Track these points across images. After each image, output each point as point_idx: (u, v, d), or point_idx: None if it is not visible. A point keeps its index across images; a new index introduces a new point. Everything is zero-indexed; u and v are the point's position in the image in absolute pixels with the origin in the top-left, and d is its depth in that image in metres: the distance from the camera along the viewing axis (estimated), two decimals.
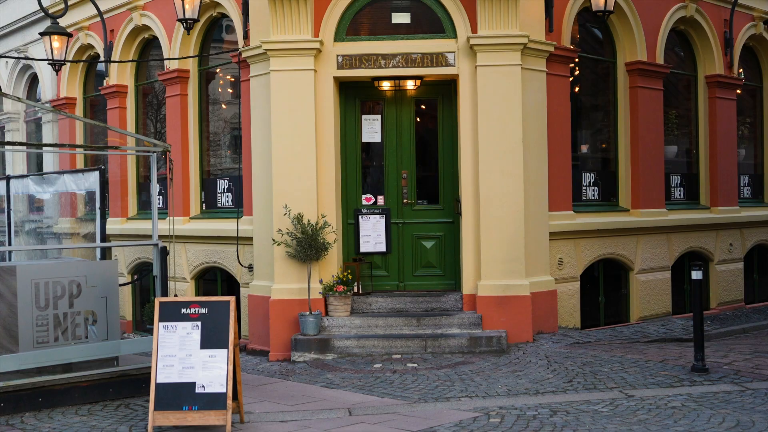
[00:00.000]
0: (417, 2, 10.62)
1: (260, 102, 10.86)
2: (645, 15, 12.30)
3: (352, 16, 10.62)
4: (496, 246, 10.24)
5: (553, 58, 10.95)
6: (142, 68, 14.09)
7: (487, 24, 10.21)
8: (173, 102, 12.69)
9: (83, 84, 15.49)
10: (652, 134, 12.41)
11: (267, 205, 10.64)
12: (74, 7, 14.66)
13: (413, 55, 10.46)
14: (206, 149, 12.71)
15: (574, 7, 11.38)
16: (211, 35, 12.64)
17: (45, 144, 15.96)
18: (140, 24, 13.35)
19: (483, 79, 10.24)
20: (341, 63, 10.52)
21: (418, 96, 10.95)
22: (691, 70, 13.81)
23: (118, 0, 13.75)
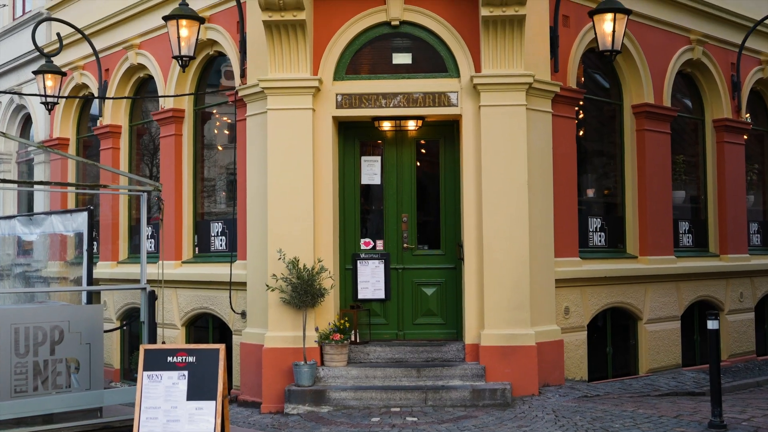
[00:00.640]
0: (419, 41, 10.31)
1: (256, 142, 10.51)
2: (651, 57, 12.01)
3: (352, 54, 10.32)
4: (500, 293, 9.80)
5: (558, 99, 10.63)
6: (136, 108, 13.76)
7: (491, 63, 9.89)
8: (167, 142, 12.34)
9: (77, 125, 15.17)
10: (659, 179, 12.05)
11: (261, 248, 10.23)
12: (69, 47, 14.41)
13: (415, 94, 10.13)
14: (200, 191, 12.32)
15: (580, 47, 11.08)
16: (208, 75, 12.33)
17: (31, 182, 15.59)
18: (135, 63, 13.05)
19: (487, 119, 9.90)
20: (340, 102, 10.19)
21: (419, 137, 10.60)
22: (698, 114, 13.50)
23: (114, 38, 13.49)
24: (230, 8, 11.21)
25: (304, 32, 9.84)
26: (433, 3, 10.19)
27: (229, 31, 11.27)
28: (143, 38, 12.91)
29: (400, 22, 10.25)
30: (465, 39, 10.13)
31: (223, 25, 11.39)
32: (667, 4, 12.31)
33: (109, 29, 13.60)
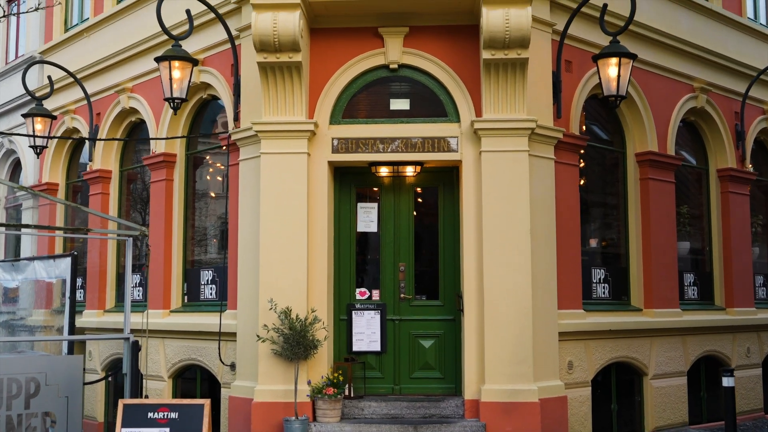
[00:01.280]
0: (418, 85, 10.03)
1: (249, 187, 10.16)
2: (655, 104, 11.75)
3: (349, 98, 10.02)
4: (502, 346, 9.38)
5: (561, 145, 10.31)
6: (127, 153, 13.42)
7: (492, 108, 9.59)
8: (158, 187, 11.98)
9: (66, 170, 14.85)
10: (664, 229, 11.69)
11: (253, 297, 9.81)
12: (61, 91, 14.17)
13: (413, 139, 9.82)
14: (191, 238, 11.93)
15: (583, 93, 10.80)
16: (201, 119, 12.01)
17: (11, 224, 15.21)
18: (127, 107, 12.75)
19: (488, 165, 9.57)
20: (336, 147, 9.87)
21: (417, 183, 10.27)
22: (701, 164, 13.21)
23: (106, 82, 13.21)
24: (225, 51, 10.94)
25: (299, 74, 9.56)
26: (433, 46, 9.93)
27: (223, 74, 10.98)
28: (136, 82, 12.63)
29: (398, 65, 9.98)
30: (465, 83, 9.85)
31: (217, 68, 11.11)
32: (671, 52, 12.09)
33: (101, 73, 13.33)
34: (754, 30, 13.97)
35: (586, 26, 10.80)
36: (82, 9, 14.48)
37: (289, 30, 9.18)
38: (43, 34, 15.37)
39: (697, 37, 12.52)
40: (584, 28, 10.79)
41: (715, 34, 13.00)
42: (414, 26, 9.93)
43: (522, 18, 9.10)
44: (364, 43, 9.97)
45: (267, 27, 9.20)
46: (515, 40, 9.15)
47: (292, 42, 9.24)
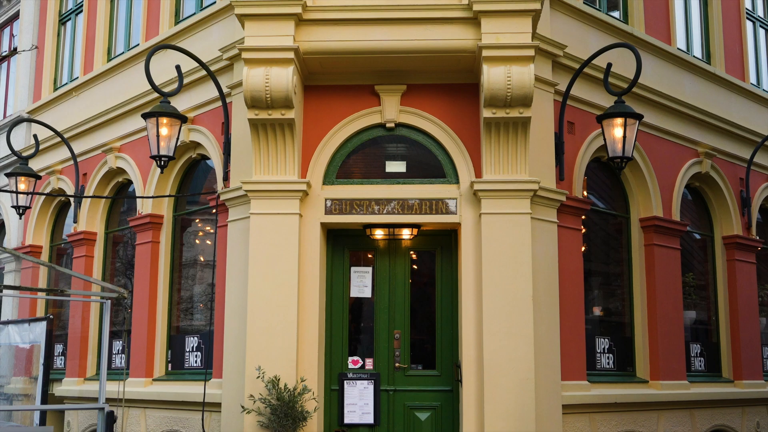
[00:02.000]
0: (415, 144, 9.66)
1: (237, 249, 9.71)
2: (659, 169, 11.40)
3: (344, 157, 9.64)
4: (503, 420, 8.81)
5: (563, 209, 9.91)
6: (113, 215, 13.00)
7: (492, 168, 9.19)
8: (143, 250, 11.52)
9: (51, 232, 14.42)
10: (670, 297, 11.23)
11: (239, 366, 9.27)
12: (48, 151, 13.87)
13: (410, 201, 9.41)
14: (176, 302, 11.43)
15: (586, 156, 10.45)
16: (190, 180, 11.61)
17: None
18: (115, 166, 12.36)
19: (488, 228, 9.13)
20: (330, 208, 9.45)
21: (414, 246, 9.82)
22: (707, 231, 12.82)
23: (94, 141, 12.86)
24: (215, 109, 10.59)
25: (292, 132, 9.18)
26: (431, 105, 9.59)
27: (214, 132, 10.62)
28: (124, 141, 12.27)
29: (395, 124, 9.62)
30: (465, 142, 9.48)
31: (207, 126, 10.75)
32: (674, 116, 11.80)
33: (89, 132, 13.01)
34: (757, 96, 13.74)
35: (588, 87, 10.51)
36: (72, 67, 14.20)
37: (281, 86, 8.84)
38: (32, 93, 15.06)
39: (701, 102, 12.26)
40: (587, 89, 10.49)
41: (719, 98, 12.75)
42: (412, 84, 9.59)
43: (524, 75, 8.77)
44: (359, 100, 9.63)
45: (259, 82, 8.85)
46: (517, 98, 8.81)
47: (284, 98, 8.88)
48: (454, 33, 9.02)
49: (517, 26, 8.87)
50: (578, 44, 10.43)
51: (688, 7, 12.87)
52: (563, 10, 10.37)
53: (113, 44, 13.14)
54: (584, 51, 10.34)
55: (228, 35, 10.32)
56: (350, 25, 9.05)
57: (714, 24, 13.15)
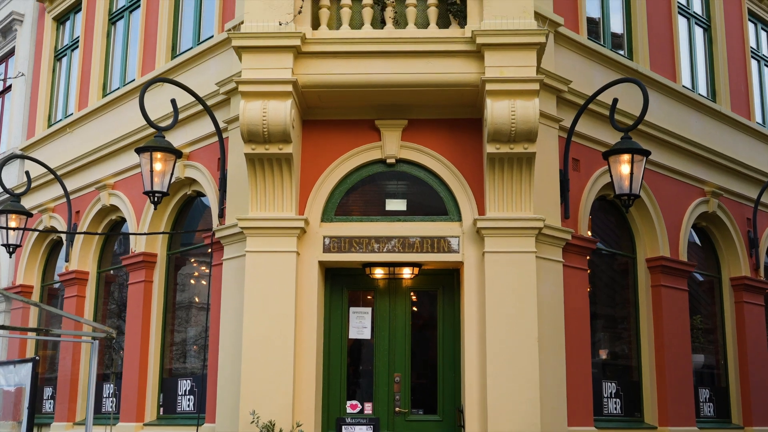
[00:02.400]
0: (417, 181, 9.38)
1: (232, 289, 9.38)
2: (666, 208, 11.12)
3: (343, 193, 9.36)
4: None
5: (569, 248, 9.61)
6: (105, 254, 12.69)
7: (496, 205, 8.90)
8: (136, 290, 11.19)
9: (42, 272, 14.11)
10: (678, 340, 10.89)
11: (233, 410, 8.90)
12: (40, 188, 13.63)
13: (411, 239, 9.11)
14: (169, 344, 11.07)
15: (591, 193, 10.17)
16: (184, 217, 11.33)
17: None
18: (108, 204, 12.08)
19: (492, 267, 8.82)
20: (328, 246, 9.14)
21: (415, 286, 9.49)
22: (714, 271, 12.51)
23: (88, 178, 12.60)
24: (211, 144, 10.34)
25: (290, 167, 8.91)
26: (433, 140, 9.33)
27: (209, 168, 10.35)
28: (118, 178, 12.01)
29: (396, 160, 9.36)
30: (467, 179, 9.21)
31: (203, 162, 10.48)
32: (680, 154, 11.56)
33: (82, 169, 12.76)
34: (763, 135, 13.53)
35: (593, 123, 10.27)
36: (67, 104, 13.98)
37: (279, 119, 8.58)
38: (26, 130, 14.83)
39: (707, 140, 12.03)
40: (592, 126, 10.26)
41: (725, 137, 12.52)
42: (413, 119, 9.35)
43: (529, 110, 8.52)
44: (359, 135, 9.37)
45: (256, 116, 8.60)
46: (522, 133, 8.55)
47: (282, 132, 8.62)
48: (457, 66, 8.79)
49: (522, 60, 8.64)
50: (583, 80, 10.21)
51: (692, 44, 12.69)
52: (567, 45, 10.17)
53: (108, 80, 12.93)
54: (589, 87, 10.13)
55: (225, 69, 10.10)
56: (350, 58, 8.82)
57: (719, 62, 12.97)
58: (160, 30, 11.63)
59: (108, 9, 13.20)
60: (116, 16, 13.05)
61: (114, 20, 13.10)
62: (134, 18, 12.66)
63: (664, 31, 11.95)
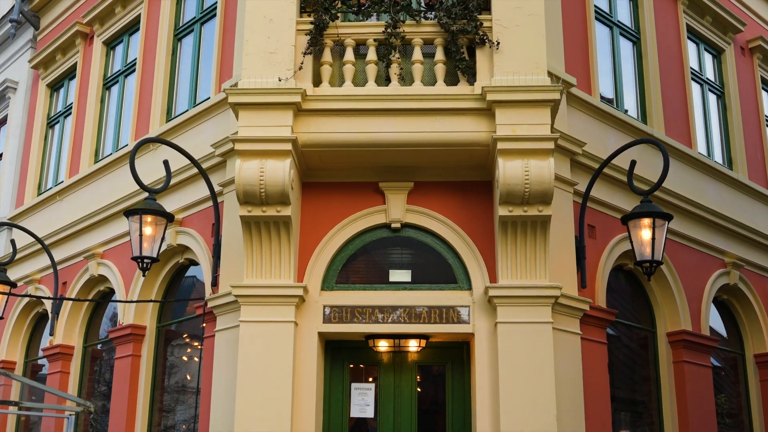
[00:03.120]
0: (423, 247, 8.79)
1: (225, 363, 8.70)
2: (686, 279, 10.52)
3: (345, 260, 8.76)
4: None
5: (586, 319, 8.97)
6: (92, 328, 12.02)
7: (509, 272, 8.28)
8: (123, 364, 10.49)
9: (26, 347, 13.40)
10: (703, 421, 10.14)
11: None
12: (27, 259, 13.08)
13: (418, 308, 8.47)
14: (156, 423, 10.31)
15: (608, 262, 9.58)
16: (176, 287, 10.71)
17: None
18: (96, 274, 11.47)
19: (505, 339, 8.14)
20: (329, 316, 8.50)
21: (422, 360, 8.82)
22: (736, 347, 11.82)
23: (76, 247, 12.04)
24: (205, 209, 9.79)
25: (288, 231, 8.33)
26: (440, 203, 8.77)
27: (203, 235, 9.77)
28: (107, 246, 11.43)
29: (401, 224, 8.77)
30: (477, 245, 8.61)
31: (196, 228, 9.91)
32: (698, 222, 11.02)
33: (71, 238, 12.22)
34: None
35: (609, 188, 9.76)
36: (58, 172, 13.48)
37: (277, 179, 8.03)
38: (15, 199, 14.30)
39: (725, 209, 11.50)
40: (607, 191, 9.74)
41: (743, 206, 11.99)
42: (419, 182, 8.79)
43: (544, 170, 7.97)
44: (362, 198, 8.82)
45: (253, 176, 8.05)
46: (536, 194, 7.99)
47: (280, 194, 8.06)
48: (466, 125, 8.28)
49: (535, 117, 8.13)
50: (597, 143, 9.72)
51: (707, 111, 12.28)
52: (580, 107, 9.71)
53: (101, 145, 12.46)
54: (603, 150, 9.64)
55: (222, 131, 9.60)
56: (353, 116, 8.32)
57: (734, 129, 12.53)
58: (155, 93, 11.20)
59: (103, 74, 12.82)
60: (111, 80, 12.66)
61: (108, 85, 12.71)
62: (129, 82, 12.26)
63: (678, 96, 11.53)
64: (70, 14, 14.03)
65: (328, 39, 8.63)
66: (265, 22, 8.55)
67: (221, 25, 10.41)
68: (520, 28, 8.40)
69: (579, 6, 10.30)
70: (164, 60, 11.24)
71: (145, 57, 11.75)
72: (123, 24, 12.44)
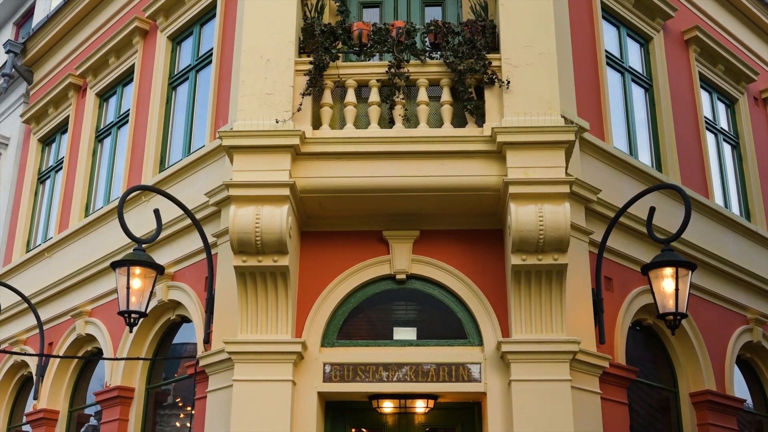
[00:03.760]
0: (430, 299, 8.23)
1: (218, 426, 8.04)
2: (707, 336, 9.92)
3: (347, 314, 8.19)
4: None
5: (606, 378, 8.34)
6: (79, 391, 11.35)
7: (523, 326, 7.70)
8: (109, 429, 9.82)
9: (9, 412, 12.71)
10: None
11: None
12: (13, 319, 12.50)
13: (425, 366, 7.87)
14: None
15: (627, 316, 8.99)
16: (167, 346, 10.08)
17: None
18: (83, 333, 10.87)
19: (520, 399, 7.50)
20: (329, 374, 7.90)
21: (430, 422, 8.17)
22: (762, 410, 11.14)
23: (64, 306, 11.48)
24: (199, 262, 9.24)
25: (285, 283, 7.77)
26: (448, 253, 8.23)
27: (196, 289, 9.20)
28: (95, 304, 10.86)
29: (407, 275, 8.22)
30: (488, 296, 8.05)
31: (189, 282, 9.35)
32: (719, 276, 10.47)
33: (58, 296, 11.67)
34: None
35: (625, 239, 9.23)
36: (48, 227, 12.96)
37: (274, 227, 7.51)
38: (2, 257, 13.75)
39: (746, 262, 10.95)
40: (623, 241, 9.20)
41: (763, 260, 11.44)
42: (425, 230, 8.28)
43: (559, 215, 7.45)
44: (365, 248, 8.28)
45: (248, 223, 7.53)
46: (551, 241, 7.45)
47: (277, 242, 7.53)
48: (475, 168, 7.80)
49: (548, 159, 7.65)
50: (611, 191, 9.21)
51: (722, 161, 11.81)
52: (593, 153, 9.23)
53: (92, 199, 11.95)
54: (618, 198, 9.14)
55: (216, 180, 9.07)
56: (355, 160, 7.84)
57: (751, 180, 12.05)
58: (149, 143, 10.74)
59: (95, 126, 12.39)
60: (103, 133, 12.22)
61: (101, 137, 12.27)
62: (122, 134, 11.82)
63: (693, 145, 11.07)
64: (63, 67, 13.69)
65: (329, 80, 8.20)
66: (261, 62, 8.13)
67: (217, 71, 10.00)
68: (531, 67, 7.98)
69: (589, 50, 9.90)
70: (158, 109, 10.81)
71: (138, 107, 11.33)
72: (117, 74, 12.06)
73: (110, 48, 12.03)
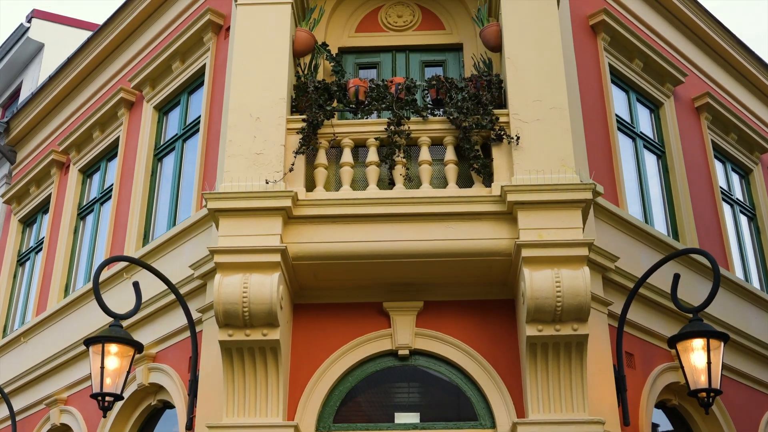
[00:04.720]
0: (436, 377, 7.47)
1: None
2: (737, 418, 9.11)
3: (344, 394, 7.40)
4: None
5: None
6: None
7: (541, 404, 6.91)
8: None
9: None
10: None
11: None
12: None
13: None
14: None
15: (651, 395, 8.18)
16: None
17: None
18: (58, 423, 10.03)
19: None
20: None
21: None
22: None
23: (38, 394, 10.68)
24: (183, 341, 8.48)
25: (276, 360, 7.01)
26: (454, 325, 7.50)
27: (179, 371, 8.40)
28: (72, 391, 10.04)
29: (410, 351, 7.47)
30: (500, 372, 7.29)
31: (172, 364, 8.55)
32: (744, 353, 9.77)
33: (33, 384, 10.88)
34: None
35: (645, 311, 8.52)
36: (25, 311, 12.19)
37: (264, 296, 6.80)
38: None
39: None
40: (643, 314, 8.49)
41: None
42: (430, 301, 7.56)
43: (578, 281, 6.76)
44: (364, 321, 7.55)
45: (234, 292, 6.82)
46: (570, 310, 6.74)
47: (267, 313, 6.81)
48: (484, 231, 7.14)
49: (564, 220, 7.01)
50: (628, 260, 8.54)
51: (740, 233, 11.17)
52: (608, 220, 8.58)
53: (72, 279, 11.23)
54: (636, 268, 8.48)
55: (202, 252, 8.38)
56: (352, 223, 7.19)
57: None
58: (132, 217, 10.07)
59: (77, 203, 11.75)
60: (86, 209, 11.57)
61: (83, 215, 11.61)
62: (104, 210, 11.17)
63: (710, 215, 10.45)
64: (47, 145, 13.15)
65: (323, 139, 7.61)
66: (251, 120, 7.56)
67: (204, 138, 9.40)
68: (542, 122, 7.40)
69: (600, 113, 9.36)
70: (143, 181, 10.18)
71: (122, 181, 10.71)
72: (100, 149, 11.48)
73: (95, 121, 11.50)
